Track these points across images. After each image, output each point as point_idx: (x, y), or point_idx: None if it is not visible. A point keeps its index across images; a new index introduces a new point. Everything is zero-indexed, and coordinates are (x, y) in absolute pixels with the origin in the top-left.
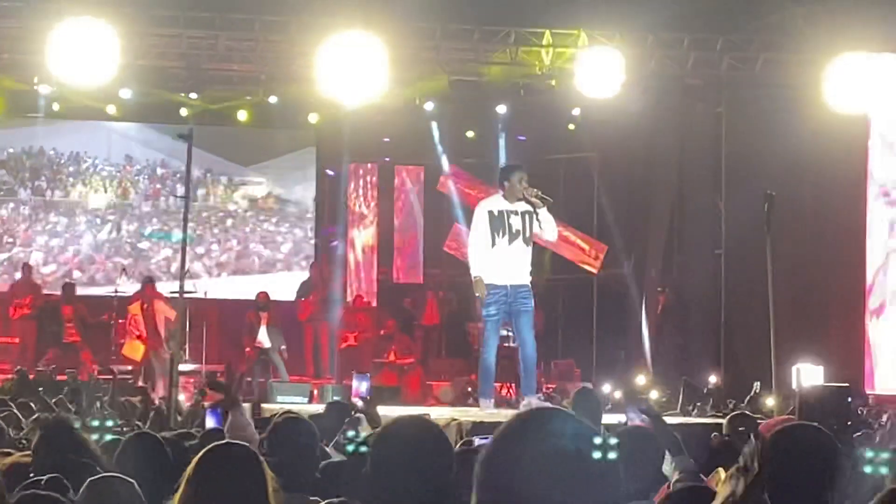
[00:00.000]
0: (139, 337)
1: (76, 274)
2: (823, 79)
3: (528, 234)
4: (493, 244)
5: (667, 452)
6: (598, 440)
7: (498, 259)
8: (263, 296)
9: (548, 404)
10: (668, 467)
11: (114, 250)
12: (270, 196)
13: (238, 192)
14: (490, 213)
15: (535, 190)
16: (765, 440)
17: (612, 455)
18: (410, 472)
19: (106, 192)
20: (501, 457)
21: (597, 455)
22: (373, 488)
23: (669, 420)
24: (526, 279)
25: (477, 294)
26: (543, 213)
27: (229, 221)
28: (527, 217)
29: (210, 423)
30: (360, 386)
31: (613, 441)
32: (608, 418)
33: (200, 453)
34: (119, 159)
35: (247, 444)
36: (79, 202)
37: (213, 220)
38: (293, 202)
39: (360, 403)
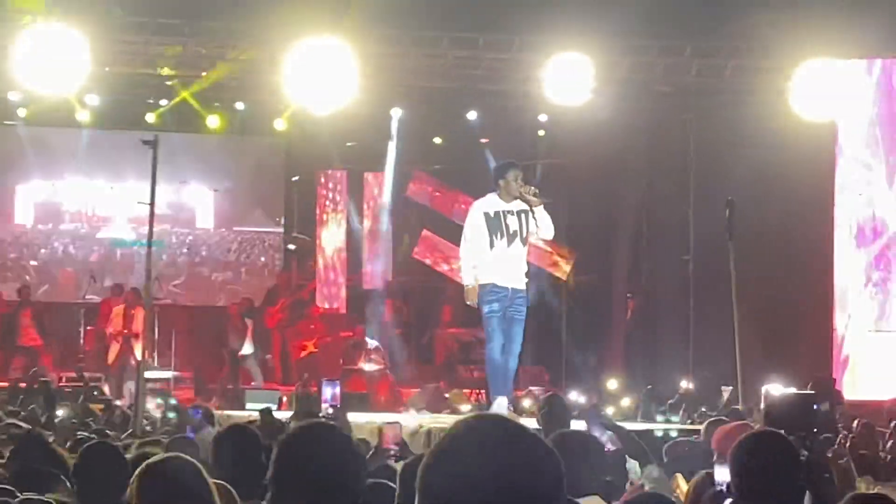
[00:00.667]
0: (118, 341)
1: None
2: (791, 86)
3: (524, 235)
4: (492, 246)
5: (636, 463)
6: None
7: (498, 261)
8: (249, 302)
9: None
10: (637, 475)
11: (82, 256)
12: (239, 202)
13: (207, 197)
14: (486, 214)
15: (532, 188)
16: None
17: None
18: (315, 480)
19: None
20: (440, 466)
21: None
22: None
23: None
24: (523, 284)
25: (468, 301)
26: (540, 211)
27: (198, 228)
28: (523, 217)
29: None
30: (329, 393)
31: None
32: (576, 425)
33: (140, 469)
34: (87, 165)
35: (186, 458)
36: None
37: (181, 226)
38: (262, 208)
39: (329, 410)
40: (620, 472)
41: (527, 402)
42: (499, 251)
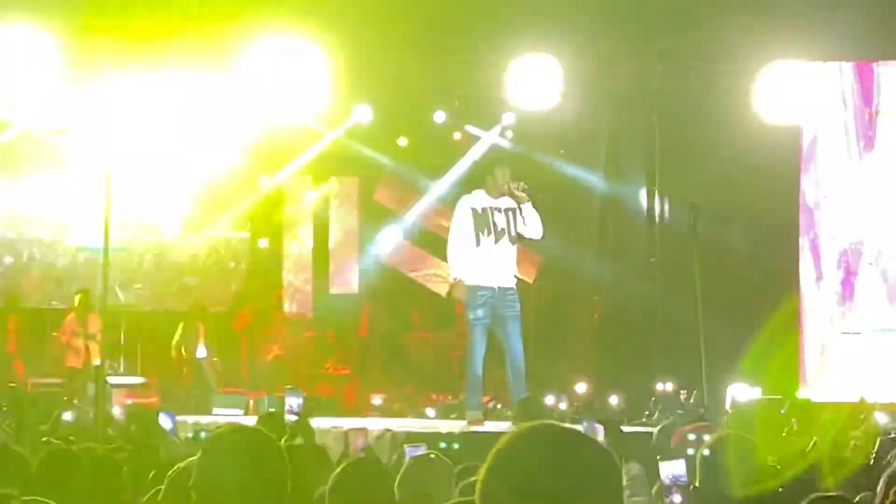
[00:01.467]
0: (77, 347)
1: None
2: (756, 89)
3: (513, 233)
4: (478, 244)
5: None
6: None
7: (484, 259)
8: (201, 306)
9: None
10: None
11: (49, 262)
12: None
13: (174, 202)
14: (474, 210)
15: (522, 183)
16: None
17: None
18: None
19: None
20: (500, 473)
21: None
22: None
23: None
24: (512, 281)
25: (456, 296)
26: (528, 208)
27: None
28: (510, 214)
29: (165, 423)
30: (292, 401)
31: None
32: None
33: None
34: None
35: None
36: None
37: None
38: (228, 211)
39: (292, 419)
40: None
41: (500, 406)
42: (485, 249)
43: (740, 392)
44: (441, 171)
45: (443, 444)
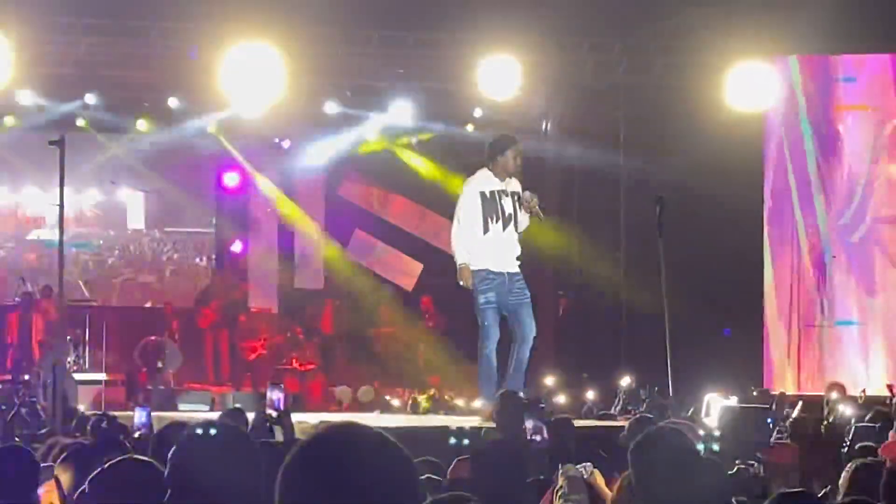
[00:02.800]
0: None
1: None
2: (720, 82)
3: (519, 219)
4: (486, 230)
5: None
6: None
7: (494, 246)
8: (170, 306)
9: None
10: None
11: (13, 259)
12: (170, 203)
13: (138, 198)
14: (482, 194)
15: (536, 198)
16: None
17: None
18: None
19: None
20: (299, 468)
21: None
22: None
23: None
24: (518, 267)
25: (461, 283)
26: (524, 214)
27: (128, 230)
28: (516, 198)
29: (140, 418)
30: (274, 396)
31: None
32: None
33: None
34: (15, 167)
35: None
36: None
37: (111, 227)
38: (194, 208)
39: (274, 414)
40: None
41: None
42: (493, 235)
43: (717, 401)
44: (404, 166)
45: (452, 441)
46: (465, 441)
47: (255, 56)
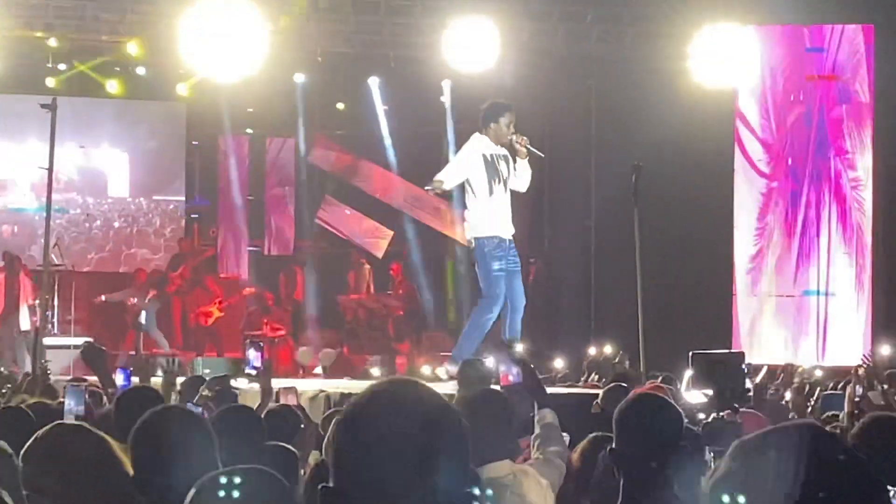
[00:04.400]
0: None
1: None
2: (690, 52)
3: (511, 183)
4: (491, 193)
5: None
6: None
7: (497, 209)
8: (143, 273)
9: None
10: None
11: None
12: (139, 169)
13: (109, 164)
14: (485, 157)
15: (525, 138)
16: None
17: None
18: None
19: None
20: (348, 437)
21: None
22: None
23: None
24: (512, 232)
25: (429, 188)
26: (523, 163)
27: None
28: (509, 163)
29: (119, 380)
30: (252, 356)
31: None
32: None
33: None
34: None
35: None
36: None
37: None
38: (163, 174)
39: (252, 373)
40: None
41: (441, 371)
42: (497, 198)
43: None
44: (375, 133)
45: None
46: None
47: (226, 21)
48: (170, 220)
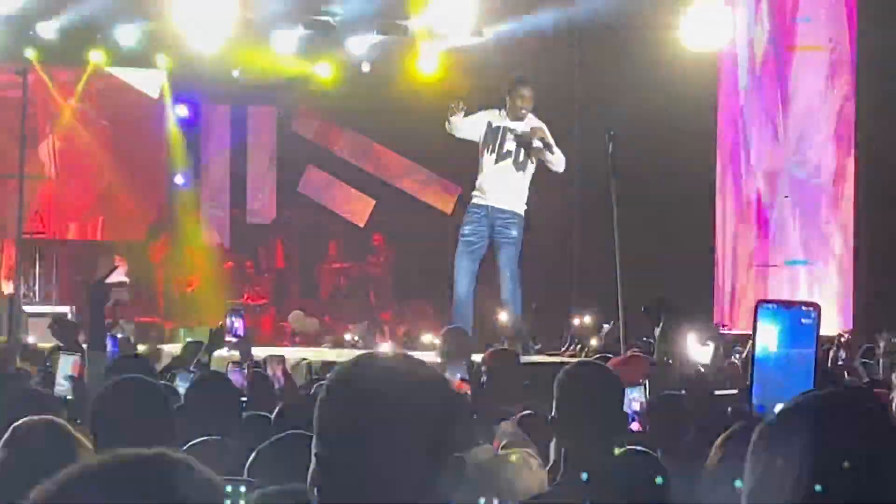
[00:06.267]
0: None
1: None
2: (676, 21)
3: (521, 159)
4: (482, 160)
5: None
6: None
7: (487, 177)
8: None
9: None
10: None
11: None
12: (122, 138)
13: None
14: (489, 124)
15: (541, 129)
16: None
17: None
18: None
19: None
20: (337, 398)
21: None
22: None
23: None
24: (510, 204)
25: (450, 116)
26: (538, 141)
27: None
28: (517, 137)
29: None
30: (234, 324)
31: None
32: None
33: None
34: None
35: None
36: None
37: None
38: (144, 144)
39: (233, 340)
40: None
41: (425, 339)
42: (484, 165)
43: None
44: (356, 102)
45: None
46: None
47: None
48: (151, 187)
